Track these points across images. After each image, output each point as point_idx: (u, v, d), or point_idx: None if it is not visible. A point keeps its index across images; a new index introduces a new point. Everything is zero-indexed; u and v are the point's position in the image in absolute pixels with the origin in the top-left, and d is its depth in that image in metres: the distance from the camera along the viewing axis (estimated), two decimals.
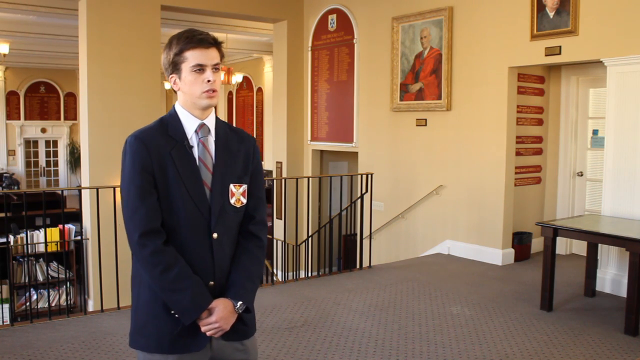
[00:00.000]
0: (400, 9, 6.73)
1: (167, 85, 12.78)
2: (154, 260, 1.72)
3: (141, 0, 6.87)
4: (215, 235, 1.80)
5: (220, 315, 1.76)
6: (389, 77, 6.91)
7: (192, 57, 1.77)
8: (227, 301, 1.80)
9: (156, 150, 1.76)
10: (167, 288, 1.73)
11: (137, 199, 1.73)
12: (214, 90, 1.79)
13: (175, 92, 1.86)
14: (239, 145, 1.90)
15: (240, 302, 1.81)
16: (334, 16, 7.74)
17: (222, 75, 1.84)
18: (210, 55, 1.78)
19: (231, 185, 1.84)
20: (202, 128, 1.83)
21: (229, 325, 1.79)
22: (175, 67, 1.80)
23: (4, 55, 10.44)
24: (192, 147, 1.81)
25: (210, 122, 1.86)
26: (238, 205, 1.86)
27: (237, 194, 1.86)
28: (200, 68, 1.77)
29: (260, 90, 13.27)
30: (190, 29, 1.81)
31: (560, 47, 5.25)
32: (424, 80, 6.51)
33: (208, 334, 1.77)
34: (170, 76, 1.83)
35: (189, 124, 1.82)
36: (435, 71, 6.37)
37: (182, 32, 1.80)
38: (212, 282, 1.81)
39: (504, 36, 5.71)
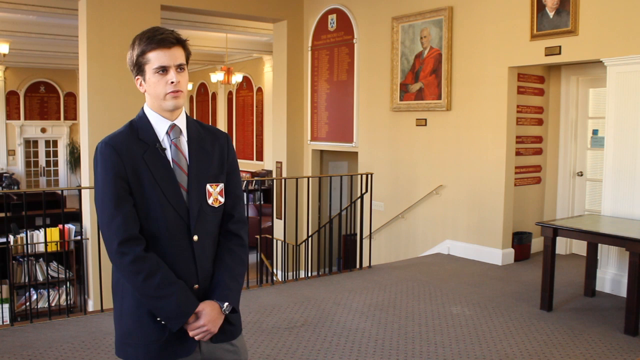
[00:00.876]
0: (400, 9, 6.73)
1: None
2: (136, 268, 1.67)
3: (141, 0, 6.88)
4: (195, 237, 1.76)
5: (207, 318, 1.73)
6: (389, 77, 6.91)
7: (155, 58, 1.71)
8: (214, 303, 1.77)
9: (128, 156, 1.71)
10: (152, 295, 1.69)
11: (113, 207, 1.69)
12: (178, 91, 1.74)
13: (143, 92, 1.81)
14: (212, 143, 1.86)
15: (227, 304, 1.78)
16: (334, 16, 7.74)
17: (187, 75, 1.81)
18: (173, 55, 1.72)
19: (208, 185, 1.80)
20: (173, 129, 1.79)
21: (217, 328, 1.76)
22: (139, 68, 1.75)
23: (4, 55, 10.44)
24: (164, 149, 1.77)
25: (181, 123, 1.81)
26: (216, 205, 1.82)
27: (215, 194, 1.82)
28: (163, 69, 1.72)
29: (260, 90, 13.27)
30: (153, 28, 1.75)
31: (560, 47, 5.25)
32: (423, 80, 6.51)
33: (196, 338, 1.74)
34: (136, 78, 1.78)
35: (159, 125, 1.78)
36: (435, 71, 6.37)
37: (145, 32, 1.75)
38: (196, 286, 1.78)
39: (504, 36, 5.71)
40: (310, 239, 6.30)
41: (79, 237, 6.41)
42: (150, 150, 1.74)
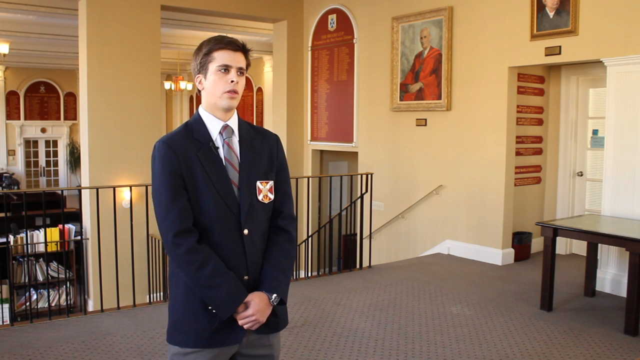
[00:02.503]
0: (400, 9, 6.73)
1: (167, 85, 12.77)
2: (189, 259, 1.77)
3: (141, 0, 6.87)
4: (246, 231, 1.86)
5: (256, 308, 1.81)
6: (389, 77, 6.91)
7: (219, 57, 1.83)
8: (262, 294, 1.85)
9: (184, 154, 1.81)
10: (204, 285, 1.78)
11: (169, 201, 1.79)
12: (235, 92, 1.85)
13: (198, 93, 1.92)
14: (262, 143, 1.96)
15: (275, 295, 1.87)
16: (334, 16, 7.74)
17: (245, 81, 1.93)
18: (237, 58, 1.85)
19: (258, 182, 1.90)
20: (225, 129, 1.89)
21: (264, 318, 1.84)
22: (202, 66, 1.86)
23: (4, 55, 10.44)
24: (217, 148, 1.87)
25: (233, 123, 1.92)
26: (266, 201, 1.92)
27: (265, 190, 1.91)
28: (225, 68, 1.83)
29: (260, 90, 13.27)
30: (220, 35, 1.90)
31: (560, 47, 5.25)
32: (423, 80, 6.51)
33: (245, 326, 1.82)
34: (197, 76, 1.89)
35: (213, 126, 1.88)
36: (435, 71, 6.37)
37: (212, 37, 1.89)
38: (246, 277, 1.86)
39: (504, 36, 5.71)
40: (310, 239, 6.30)
41: (79, 237, 6.41)
42: (204, 149, 1.85)
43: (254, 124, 10.47)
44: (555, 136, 6.45)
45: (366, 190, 5.77)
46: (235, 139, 1.91)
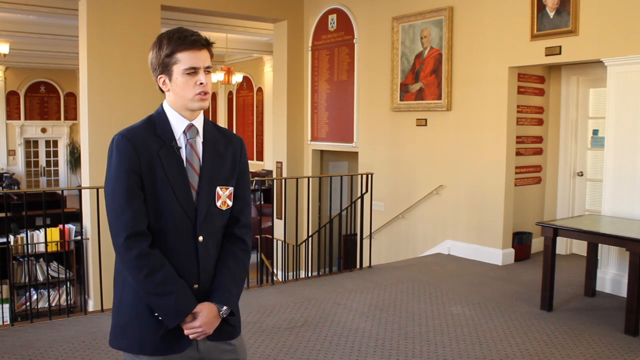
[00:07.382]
0: (401, 9, 6.73)
1: None
2: (140, 264, 1.69)
3: (141, 0, 6.87)
4: (200, 238, 1.78)
5: (204, 320, 1.74)
6: (389, 77, 6.91)
7: (185, 59, 1.73)
8: (212, 306, 1.78)
9: (144, 150, 1.72)
10: (152, 292, 1.70)
11: (124, 200, 1.70)
12: (205, 93, 1.76)
13: (162, 92, 1.82)
14: (226, 146, 1.87)
15: (225, 307, 1.79)
16: (334, 16, 7.74)
17: (212, 76, 1.81)
18: (202, 57, 1.75)
19: (218, 188, 1.82)
20: (190, 129, 1.80)
21: (212, 330, 1.77)
22: (165, 67, 1.75)
23: (4, 55, 10.44)
24: (179, 148, 1.78)
25: (199, 123, 1.83)
26: (224, 207, 1.84)
27: (224, 197, 1.83)
28: (193, 70, 1.74)
29: (260, 90, 13.27)
30: (180, 29, 1.77)
31: (560, 47, 5.25)
32: (424, 80, 6.51)
33: (191, 337, 1.75)
34: (159, 76, 1.78)
35: (178, 124, 1.79)
36: (435, 71, 6.37)
37: (172, 32, 1.75)
38: (196, 285, 1.79)
39: (504, 36, 5.71)
40: (310, 239, 6.30)
41: (79, 237, 6.41)
42: (165, 148, 1.75)
43: (254, 124, 10.47)
44: (555, 136, 6.45)
45: (366, 190, 5.77)
46: (199, 140, 1.81)
